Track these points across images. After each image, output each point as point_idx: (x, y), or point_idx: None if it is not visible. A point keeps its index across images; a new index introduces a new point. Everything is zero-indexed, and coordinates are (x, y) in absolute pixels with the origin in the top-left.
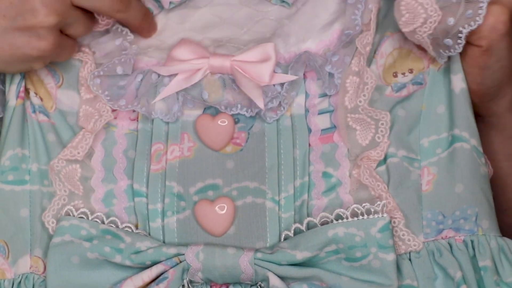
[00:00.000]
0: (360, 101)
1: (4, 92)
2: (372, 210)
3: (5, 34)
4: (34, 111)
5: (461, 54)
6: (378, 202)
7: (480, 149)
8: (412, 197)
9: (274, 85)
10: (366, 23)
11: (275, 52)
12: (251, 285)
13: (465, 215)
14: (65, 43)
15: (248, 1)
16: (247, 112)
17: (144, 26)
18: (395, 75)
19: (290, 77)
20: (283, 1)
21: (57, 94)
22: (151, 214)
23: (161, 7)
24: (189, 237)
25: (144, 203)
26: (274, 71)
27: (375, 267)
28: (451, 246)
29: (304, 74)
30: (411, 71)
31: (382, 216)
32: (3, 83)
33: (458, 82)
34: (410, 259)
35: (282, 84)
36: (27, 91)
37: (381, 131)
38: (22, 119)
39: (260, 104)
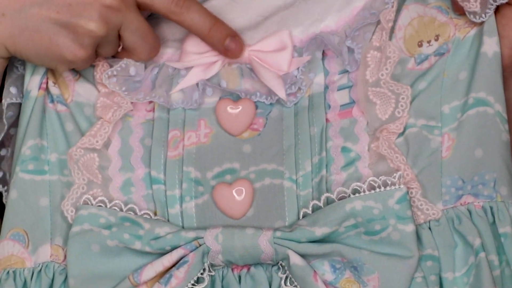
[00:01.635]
0: (382, 75)
1: (23, 77)
2: (389, 182)
3: (52, 27)
4: (52, 101)
5: (498, 17)
6: (395, 174)
7: (505, 115)
8: (432, 166)
9: (291, 71)
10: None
11: (291, 38)
12: (272, 265)
13: (483, 180)
14: (93, 56)
15: None
16: (266, 100)
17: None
18: (420, 45)
19: (305, 59)
20: None
21: (74, 86)
22: (170, 200)
23: None
24: (208, 221)
25: (162, 190)
26: (291, 57)
27: (395, 239)
28: (470, 213)
29: (323, 52)
30: (437, 38)
31: (399, 187)
32: (24, 68)
33: (493, 45)
34: (430, 228)
35: (298, 68)
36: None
37: (401, 105)
38: (42, 109)
39: (282, 94)
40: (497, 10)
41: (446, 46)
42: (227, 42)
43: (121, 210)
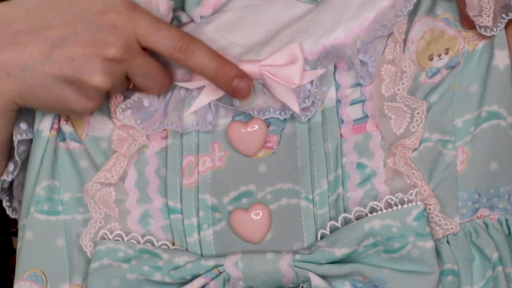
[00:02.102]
0: (398, 90)
1: (33, 111)
2: (406, 199)
3: (56, 84)
4: (63, 139)
5: (508, 30)
6: (411, 191)
7: None
8: (447, 180)
9: (304, 84)
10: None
11: (302, 51)
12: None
13: (498, 193)
14: (103, 101)
15: (275, 1)
16: (280, 115)
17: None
18: (431, 58)
19: (319, 72)
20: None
21: (90, 121)
22: (187, 229)
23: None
24: (226, 247)
25: (180, 219)
26: (303, 70)
27: (415, 256)
28: (487, 226)
29: (334, 65)
30: (447, 51)
31: (416, 204)
32: None
33: (504, 58)
34: (448, 242)
35: (311, 81)
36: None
37: (417, 120)
38: (54, 149)
39: (296, 108)
40: (507, 23)
41: (456, 59)
42: (235, 83)
43: (139, 242)
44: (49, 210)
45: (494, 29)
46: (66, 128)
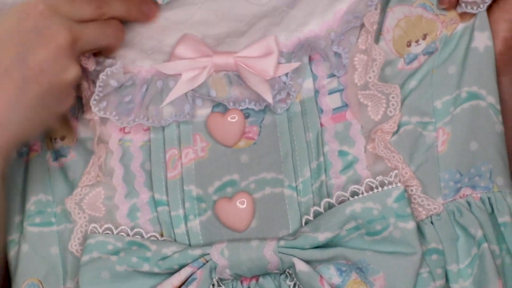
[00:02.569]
0: (369, 77)
1: None
2: (386, 181)
3: (37, 107)
4: (56, 159)
5: (490, 11)
6: (391, 173)
7: (498, 107)
8: (428, 161)
9: (279, 76)
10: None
11: (277, 44)
12: (280, 274)
13: (479, 172)
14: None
15: None
16: (255, 106)
17: (134, 13)
18: (409, 44)
19: (293, 65)
20: None
21: (78, 125)
22: (174, 220)
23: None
24: (213, 237)
25: (167, 212)
26: (278, 62)
27: (396, 237)
28: (469, 205)
29: (310, 57)
30: (424, 37)
31: (396, 186)
32: None
33: (484, 40)
34: (432, 222)
35: (286, 74)
36: (47, 140)
37: (392, 104)
38: (41, 168)
39: (269, 98)
40: (490, 3)
41: (434, 45)
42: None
43: (128, 235)
44: (41, 222)
45: (482, 5)
46: (56, 145)
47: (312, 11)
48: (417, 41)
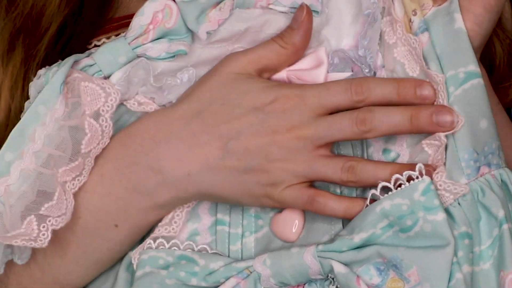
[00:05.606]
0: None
1: None
2: (414, 176)
3: (238, 176)
4: None
5: None
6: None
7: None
8: (448, 144)
9: None
10: None
11: (327, 55)
12: (324, 280)
13: (491, 149)
14: None
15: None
16: None
17: None
18: (415, 13)
19: (343, 75)
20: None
21: None
22: (232, 238)
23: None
24: (267, 250)
25: (226, 231)
26: (327, 72)
27: (428, 231)
28: (489, 183)
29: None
30: (415, 13)
31: (422, 179)
32: None
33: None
34: (459, 204)
35: None
36: None
37: (441, 95)
38: None
39: None
40: None
41: (423, 24)
42: (418, 92)
43: (179, 248)
44: None
45: None
46: None
47: (342, 26)
48: (414, 15)
